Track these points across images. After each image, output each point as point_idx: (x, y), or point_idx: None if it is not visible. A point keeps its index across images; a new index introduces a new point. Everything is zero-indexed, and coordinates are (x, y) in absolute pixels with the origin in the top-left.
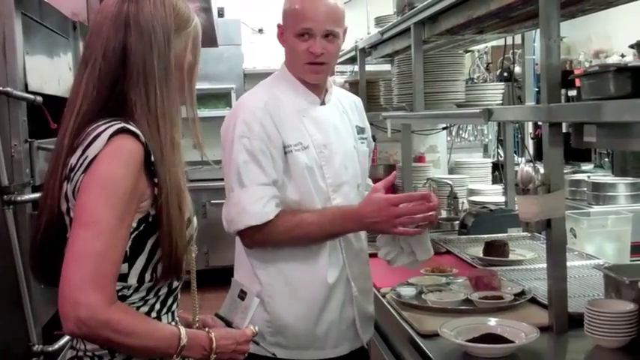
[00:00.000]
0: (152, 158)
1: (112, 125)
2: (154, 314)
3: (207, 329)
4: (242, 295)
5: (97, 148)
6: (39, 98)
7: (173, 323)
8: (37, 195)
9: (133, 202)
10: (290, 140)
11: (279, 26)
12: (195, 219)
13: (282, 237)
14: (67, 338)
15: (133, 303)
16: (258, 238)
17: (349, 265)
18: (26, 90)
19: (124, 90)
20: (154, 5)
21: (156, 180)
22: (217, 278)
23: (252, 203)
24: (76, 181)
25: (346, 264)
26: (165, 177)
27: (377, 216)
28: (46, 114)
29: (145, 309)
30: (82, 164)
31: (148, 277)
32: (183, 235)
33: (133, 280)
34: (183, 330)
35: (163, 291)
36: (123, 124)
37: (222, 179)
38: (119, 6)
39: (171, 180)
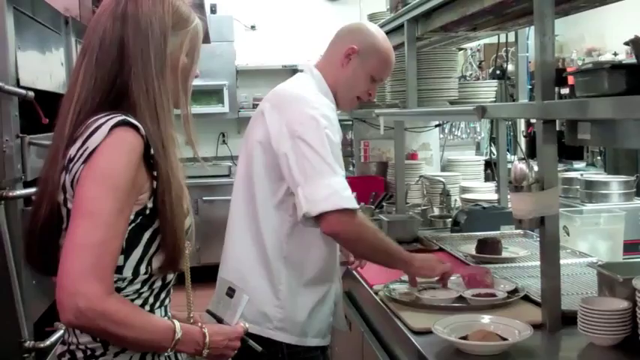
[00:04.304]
0: (152, 151)
1: (113, 117)
2: (147, 307)
3: (200, 324)
4: (230, 292)
5: (97, 140)
6: (31, 93)
7: (166, 318)
8: (28, 190)
9: (132, 194)
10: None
11: (352, 48)
12: (191, 213)
13: (369, 236)
14: (58, 334)
15: (127, 295)
16: (346, 221)
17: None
18: (18, 85)
19: (125, 82)
20: (153, 2)
21: (155, 173)
22: (209, 275)
23: (344, 189)
24: (74, 172)
25: (338, 263)
26: (167, 170)
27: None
28: (37, 109)
29: (139, 302)
30: (81, 155)
31: (142, 269)
32: (183, 227)
33: (128, 272)
34: (178, 324)
35: (157, 284)
36: (124, 117)
37: (213, 176)
38: (118, 1)
39: (173, 173)
